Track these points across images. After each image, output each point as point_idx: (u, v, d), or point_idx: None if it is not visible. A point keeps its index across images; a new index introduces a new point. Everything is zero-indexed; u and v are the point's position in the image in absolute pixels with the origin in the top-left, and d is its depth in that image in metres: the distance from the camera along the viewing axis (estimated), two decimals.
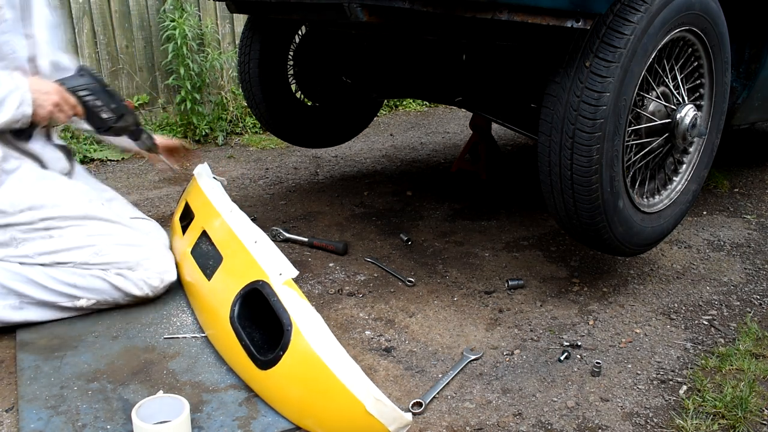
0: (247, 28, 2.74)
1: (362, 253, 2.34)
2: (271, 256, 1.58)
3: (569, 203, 1.79)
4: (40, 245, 1.72)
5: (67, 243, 1.74)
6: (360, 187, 3.06)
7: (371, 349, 1.75)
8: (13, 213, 1.68)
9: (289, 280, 1.50)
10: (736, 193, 3.04)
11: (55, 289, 1.76)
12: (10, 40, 1.67)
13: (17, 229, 1.70)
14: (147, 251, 1.85)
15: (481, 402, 1.54)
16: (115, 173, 3.34)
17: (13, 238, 1.72)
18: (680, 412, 1.51)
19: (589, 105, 1.65)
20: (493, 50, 2.41)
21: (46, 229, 1.72)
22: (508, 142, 4.00)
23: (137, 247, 1.84)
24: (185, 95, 3.76)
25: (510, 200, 2.89)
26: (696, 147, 2.12)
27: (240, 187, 3.10)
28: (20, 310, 1.76)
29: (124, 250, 1.81)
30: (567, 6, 1.57)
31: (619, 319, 1.91)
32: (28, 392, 1.51)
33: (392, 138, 4.10)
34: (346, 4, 1.69)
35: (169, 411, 1.36)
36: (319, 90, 2.91)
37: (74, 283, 1.77)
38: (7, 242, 1.72)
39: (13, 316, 1.75)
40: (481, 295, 2.05)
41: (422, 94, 2.86)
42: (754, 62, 2.35)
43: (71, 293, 1.77)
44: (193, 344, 1.72)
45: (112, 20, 3.70)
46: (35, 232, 1.71)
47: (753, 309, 1.99)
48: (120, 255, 1.79)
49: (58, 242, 1.74)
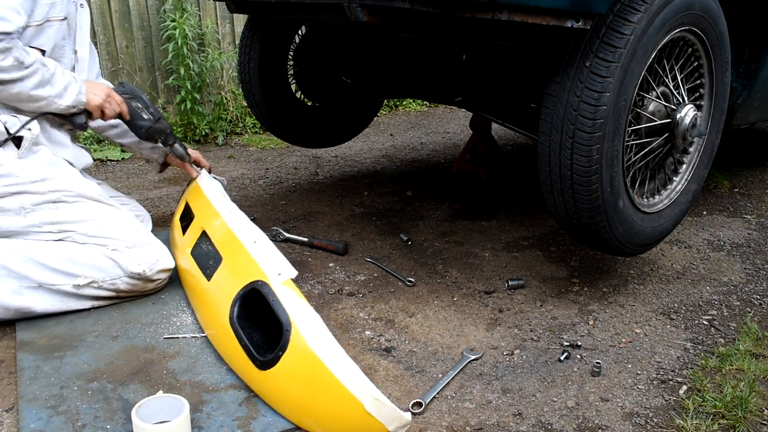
0: (247, 28, 2.74)
1: (362, 253, 2.34)
2: (270, 256, 1.58)
3: (569, 203, 1.79)
4: (46, 215, 1.82)
5: (72, 216, 1.84)
6: (360, 187, 3.06)
7: (371, 349, 1.75)
8: (27, 182, 1.78)
9: (288, 280, 1.50)
10: (736, 193, 3.04)
11: (54, 267, 1.79)
12: (65, 47, 1.92)
13: (28, 198, 1.79)
14: (145, 236, 1.93)
15: (481, 402, 1.54)
16: (115, 173, 3.34)
17: (22, 207, 1.79)
18: (680, 412, 1.51)
19: (589, 105, 1.65)
20: (493, 50, 2.41)
21: (54, 202, 1.83)
22: (508, 142, 4.01)
23: (136, 231, 1.92)
24: (185, 95, 3.76)
25: (510, 200, 2.89)
26: (696, 147, 2.12)
27: (240, 187, 3.10)
28: (20, 296, 1.77)
29: (125, 230, 1.90)
30: (567, 6, 1.57)
31: (619, 319, 1.91)
32: (28, 392, 1.51)
33: (392, 138, 4.10)
34: (346, 4, 1.69)
35: (169, 411, 1.36)
36: (319, 90, 2.91)
37: (72, 258, 1.80)
38: (16, 211, 1.79)
39: (12, 301, 1.76)
40: (481, 295, 2.05)
41: (422, 94, 2.86)
42: (754, 62, 2.35)
43: (70, 270, 1.80)
44: (193, 344, 1.72)
45: (112, 20, 3.70)
46: (44, 204, 1.81)
47: (753, 309, 1.99)
48: (120, 233, 1.88)
49: (64, 214, 1.83)
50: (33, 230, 1.81)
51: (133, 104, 2.00)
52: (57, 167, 1.86)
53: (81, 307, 1.86)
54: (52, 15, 1.84)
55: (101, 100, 1.90)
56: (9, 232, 1.80)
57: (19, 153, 1.78)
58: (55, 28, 1.86)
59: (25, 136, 1.79)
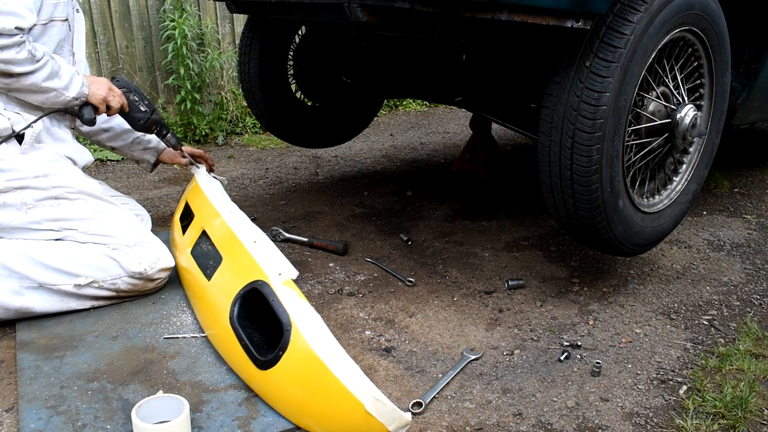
0: (247, 28, 2.74)
1: (362, 253, 2.34)
2: (270, 256, 1.58)
3: (569, 203, 1.79)
4: (48, 212, 1.83)
5: (73, 213, 1.85)
6: (360, 187, 3.06)
7: (371, 349, 1.75)
8: (29, 177, 1.80)
9: (288, 280, 1.50)
10: (736, 193, 3.04)
11: (56, 267, 1.79)
12: (64, 47, 1.96)
13: (30, 193, 1.81)
14: (145, 235, 1.95)
15: (481, 402, 1.54)
16: (115, 173, 3.34)
17: (24, 203, 1.80)
18: (680, 412, 1.51)
19: (589, 105, 1.65)
20: (493, 50, 2.41)
21: (56, 198, 1.84)
22: (508, 142, 4.00)
23: (137, 230, 1.94)
24: (185, 95, 3.76)
25: (510, 200, 2.89)
26: (696, 147, 2.12)
27: (240, 187, 3.10)
28: (20, 296, 1.78)
29: (125, 228, 1.91)
30: (567, 6, 1.57)
31: (619, 319, 1.91)
32: (28, 392, 1.51)
33: (392, 138, 4.10)
34: (346, 4, 1.69)
35: (169, 411, 1.36)
36: (319, 90, 2.91)
37: (73, 257, 1.81)
38: (17, 206, 1.80)
39: (12, 302, 1.77)
40: (481, 295, 2.05)
41: (422, 94, 2.86)
42: (754, 62, 2.35)
43: (71, 270, 1.81)
44: (193, 344, 1.72)
45: (112, 20, 3.70)
46: (46, 200, 1.82)
47: (753, 309, 1.99)
48: (121, 232, 1.89)
49: (65, 211, 1.84)
50: (34, 227, 1.82)
51: (130, 97, 2.04)
52: (59, 164, 1.88)
53: (81, 306, 1.86)
54: (56, 15, 1.87)
55: (105, 93, 1.94)
56: (10, 229, 1.81)
57: (21, 149, 1.80)
58: (57, 28, 1.89)
59: (27, 133, 1.81)
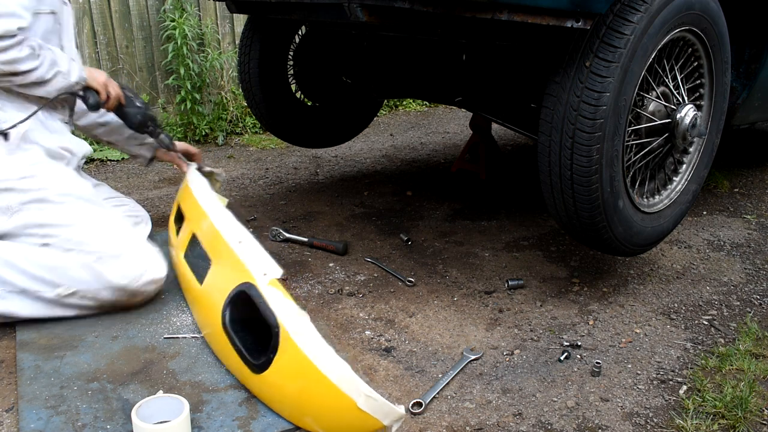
0: (247, 28, 2.74)
1: (362, 253, 2.34)
2: (255, 256, 1.56)
3: (569, 203, 1.79)
4: (32, 216, 1.78)
5: (58, 219, 1.80)
6: (360, 187, 3.06)
7: (371, 349, 1.75)
8: (14, 179, 1.77)
9: (274, 279, 1.48)
10: (736, 193, 3.04)
11: (35, 274, 1.75)
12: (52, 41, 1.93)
13: (15, 196, 1.77)
14: (133, 244, 1.86)
15: (481, 402, 1.54)
16: (115, 173, 3.34)
17: (8, 207, 1.77)
18: (680, 412, 1.51)
19: (589, 105, 1.65)
20: (493, 50, 2.41)
21: (41, 201, 1.79)
22: (508, 142, 4.00)
23: (124, 238, 1.86)
24: (185, 95, 3.76)
25: (510, 200, 2.89)
26: (696, 147, 2.12)
27: (240, 187, 3.10)
28: (3, 300, 1.76)
29: (111, 237, 1.83)
30: (567, 6, 1.57)
31: (619, 319, 1.91)
32: (28, 392, 1.51)
33: (392, 138, 4.10)
34: (346, 4, 1.69)
35: (169, 411, 1.36)
36: (319, 90, 2.91)
37: (55, 266, 1.76)
38: (2, 210, 1.77)
39: None
40: (481, 295, 2.05)
41: (422, 94, 2.86)
42: (754, 62, 2.35)
43: (52, 279, 1.76)
44: (193, 344, 1.72)
45: (112, 20, 3.70)
46: (30, 204, 1.78)
47: (753, 309, 1.99)
48: (106, 241, 1.81)
49: (49, 216, 1.79)
50: (18, 233, 1.78)
51: (126, 92, 2.07)
52: (46, 165, 1.84)
53: (66, 314, 1.81)
54: (41, 8, 1.87)
55: (105, 79, 1.97)
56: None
57: (7, 149, 1.78)
58: (43, 20, 1.89)
59: (11, 133, 1.79)
